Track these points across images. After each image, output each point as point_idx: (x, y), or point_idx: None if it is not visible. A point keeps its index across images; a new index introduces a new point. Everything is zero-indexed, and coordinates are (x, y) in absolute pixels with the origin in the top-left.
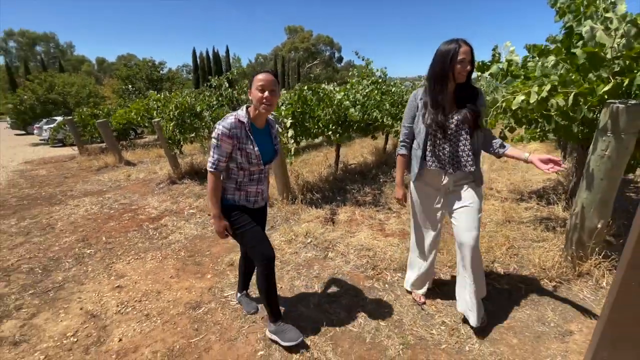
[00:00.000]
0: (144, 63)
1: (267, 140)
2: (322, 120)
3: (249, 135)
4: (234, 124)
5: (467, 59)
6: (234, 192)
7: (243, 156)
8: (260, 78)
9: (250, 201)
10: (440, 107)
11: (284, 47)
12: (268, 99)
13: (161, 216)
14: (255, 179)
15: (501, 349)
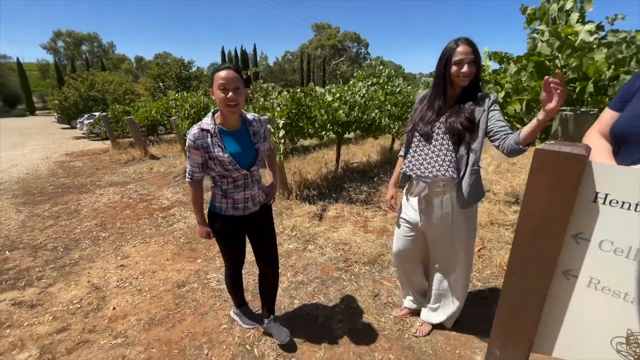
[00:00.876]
0: (174, 62)
1: (244, 142)
2: (319, 121)
3: (215, 142)
4: (197, 134)
5: (466, 59)
6: (220, 200)
7: (217, 164)
8: (221, 76)
9: (239, 208)
10: (434, 111)
11: (311, 44)
12: (232, 99)
13: (171, 206)
14: (240, 185)
15: (437, 338)
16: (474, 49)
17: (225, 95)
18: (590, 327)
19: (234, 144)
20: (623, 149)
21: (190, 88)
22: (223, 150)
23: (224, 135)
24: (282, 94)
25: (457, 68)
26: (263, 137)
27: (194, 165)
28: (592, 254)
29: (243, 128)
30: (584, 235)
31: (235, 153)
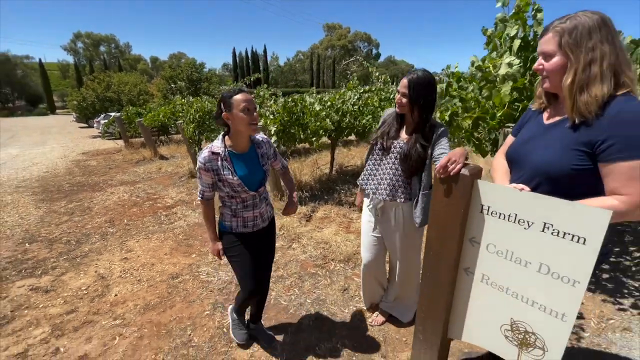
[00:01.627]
0: (185, 65)
1: (253, 164)
2: (311, 128)
3: (225, 165)
4: (207, 158)
5: (402, 92)
6: (230, 219)
7: (226, 186)
8: (242, 99)
9: (249, 226)
10: (390, 132)
11: (321, 44)
12: (255, 119)
13: (175, 205)
14: (249, 204)
15: (389, 327)
16: (410, 85)
17: (251, 115)
18: (485, 316)
19: (243, 166)
20: (512, 169)
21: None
22: (233, 174)
23: (234, 157)
24: (277, 101)
25: (397, 96)
26: (273, 157)
27: (205, 185)
28: (483, 255)
29: (252, 150)
30: (476, 239)
31: (244, 176)
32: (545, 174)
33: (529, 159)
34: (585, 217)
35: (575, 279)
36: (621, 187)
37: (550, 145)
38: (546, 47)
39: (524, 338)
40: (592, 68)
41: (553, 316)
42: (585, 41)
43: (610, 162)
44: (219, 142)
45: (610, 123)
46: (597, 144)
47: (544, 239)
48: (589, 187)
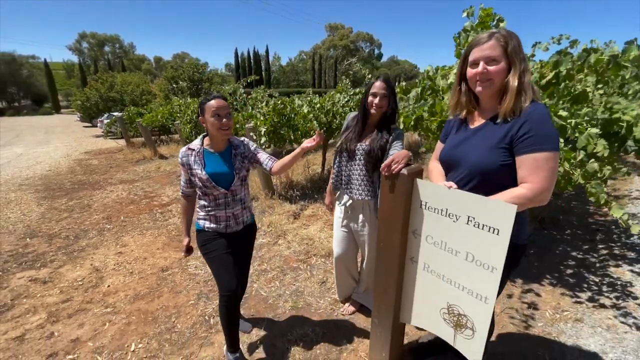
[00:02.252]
0: (187, 65)
1: (225, 163)
2: (301, 129)
3: (196, 160)
4: (184, 153)
5: (379, 93)
6: (204, 217)
7: (197, 181)
8: (214, 105)
9: (222, 226)
10: (355, 132)
11: (324, 44)
12: (226, 124)
13: (170, 203)
14: (221, 203)
15: (359, 316)
16: (389, 86)
17: (220, 121)
18: (428, 301)
19: (215, 164)
20: (448, 171)
21: (202, 90)
22: (201, 168)
23: (208, 155)
24: (269, 103)
25: (372, 99)
26: (251, 156)
27: (183, 181)
28: (423, 245)
29: (228, 150)
30: (417, 231)
31: (214, 173)
32: (480, 171)
33: (464, 160)
34: (496, 211)
35: (493, 265)
36: (528, 175)
37: (480, 146)
38: (492, 53)
39: (457, 320)
40: (527, 75)
41: (478, 299)
42: (518, 52)
43: (521, 154)
44: (198, 141)
45: (524, 121)
46: (514, 139)
47: (468, 231)
48: (513, 180)
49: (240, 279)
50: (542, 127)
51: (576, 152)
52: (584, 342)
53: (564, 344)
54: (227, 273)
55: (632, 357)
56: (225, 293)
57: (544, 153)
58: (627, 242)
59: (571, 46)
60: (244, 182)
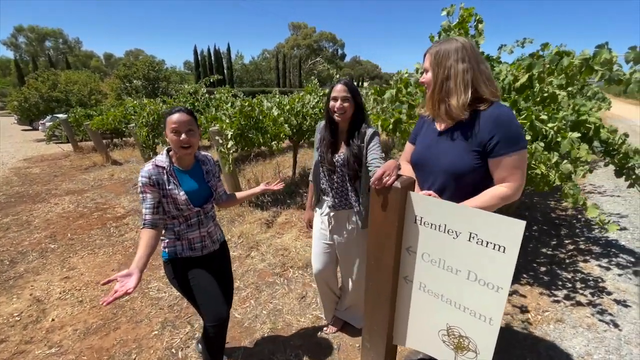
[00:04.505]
0: (141, 63)
1: (198, 180)
2: (270, 132)
3: (170, 180)
4: (152, 171)
5: (339, 97)
6: (174, 243)
7: (170, 203)
8: (173, 120)
9: (197, 248)
10: (327, 144)
11: (287, 43)
12: (186, 141)
13: (126, 215)
14: (194, 223)
15: (343, 334)
16: (350, 88)
17: (178, 137)
18: (424, 322)
19: (188, 182)
20: (417, 174)
21: (159, 89)
22: (178, 188)
23: (178, 173)
24: (235, 104)
25: (333, 104)
26: (217, 177)
27: (149, 207)
28: (419, 263)
29: (196, 166)
30: (412, 248)
31: (190, 191)
32: (453, 174)
33: (437, 163)
34: (502, 228)
35: (498, 285)
36: (508, 175)
37: (452, 149)
38: (424, 64)
39: (458, 342)
40: (449, 83)
41: (482, 320)
42: (444, 61)
43: (497, 156)
44: (164, 157)
45: (493, 125)
46: (486, 143)
47: (470, 248)
48: (483, 181)
49: (229, 303)
50: (512, 128)
51: (551, 154)
52: (568, 344)
53: (550, 348)
54: (213, 300)
55: (615, 357)
56: (213, 323)
57: (518, 152)
58: (590, 236)
59: (542, 49)
60: (213, 198)
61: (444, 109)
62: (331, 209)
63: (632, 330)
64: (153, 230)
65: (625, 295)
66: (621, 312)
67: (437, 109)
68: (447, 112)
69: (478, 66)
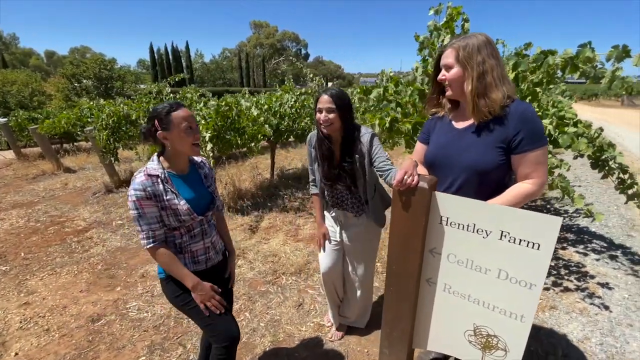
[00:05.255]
0: (91, 61)
1: (197, 186)
2: (248, 133)
3: (167, 188)
4: (146, 182)
5: (324, 108)
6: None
7: (170, 215)
8: (183, 116)
9: (200, 261)
10: (325, 160)
11: (249, 42)
12: (198, 138)
13: (88, 228)
14: (197, 233)
15: (350, 340)
16: (335, 99)
17: (194, 135)
18: (449, 324)
19: (186, 188)
20: (436, 172)
21: (113, 90)
22: (178, 197)
23: (175, 179)
24: (209, 104)
25: (319, 115)
26: (210, 178)
27: (152, 222)
28: (444, 265)
29: (193, 170)
30: (436, 250)
31: (190, 199)
32: (476, 171)
33: (458, 161)
34: (537, 225)
35: (531, 282)
36: (532, 171)
37: (475, 145)
38: (447, 61)
39: (486, 341)
40: (486, 78)
41: (513, 318)
42: (476, 56)
43: (522, 153)
44: (155, 164)
45: (518, 121)
46: (511, 139)
47: (501, 247)
48: (504, 178)
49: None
50: (536, 124)
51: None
52: (566, 330)
53: (550, 335)
54: (223, 319)
55: (611, 339)
56: (225, 344)
57: (541, 149)
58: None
59: (525, 48)
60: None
61: (484, 104)
62: (343, 216)
63: (620, 312)
64: (162, 247)
65: (606, 278)
66: (607, 294)
67: (475, 105)
68: (487, 107)
69: (502, 62)
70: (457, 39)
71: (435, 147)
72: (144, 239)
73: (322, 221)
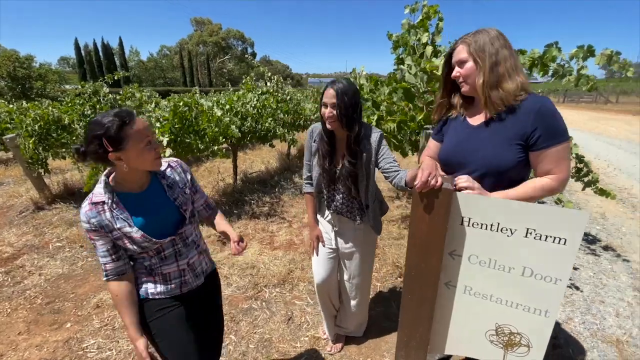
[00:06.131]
0: (4, 58)
1: (158, 202)
2: (208, 135)
3: (116, 215)
4: (89, 213)
5: (329, 103)
6: (146, 280)
7: (128, 243)
8: (141, 129)
9: (174, 286)
10: (326, 156)
11: (191, 40)
12: (159, 152)
13: (18, 255)
14: (169, 255)
15: (350, 350)
16: (338, 93)
17: (155, 149)
18: (469, 326)
19: (143, 210)
20: (452, 170)
21: (32, 91)
22: (130, 225)
23: (126, 200)
24: (161, 104)
25: (324, 110)
26: (190, 187)
27: (105, 254)
28: (464, 267)
29: (154, 183)
30: (456, 252)
31: (147, 222)
32: (494, 168)
33: (473, 158)
34: (564, 220)
35: (557, 277)
36: (553, 167)
37: (492, 142)
38: (460, 56)
39: (509, 339)
40: (499, 68)
41: (537, 314)
42: (488, 47)
43: (542, 149)
44: (100, 187)
45: (536, 117)
46: (529, 136)
47: (527, 244)
48: (522, 175)
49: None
50: (556, 120)
51: None
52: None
53: None
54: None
55: (590, 317)
56: None
57: (562, 144)
58: None
59: None
60: (194, 217)
61: (497, 96)
62: (334, 211)
63: (591, 290)
64: (122, 280)
65: None
66: (575, 275)
67: (487, 97)
68: (501, 98)
69: (515, 54)
70: (468, 34)
71: (450, 144)
72: (103, 271)
73: (315, 223)
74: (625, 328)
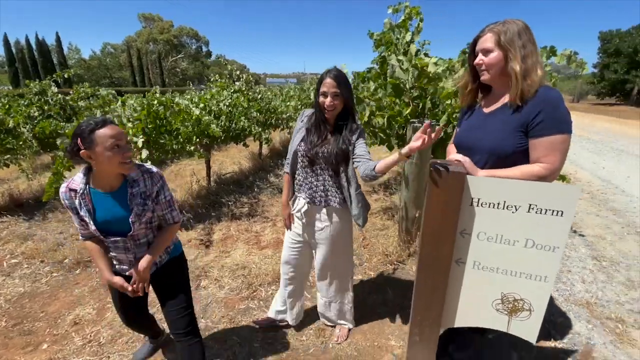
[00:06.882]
0: None
1: (119, 206)
2: (183, 134)
3: (82, 204)
4: (65, 195)
5: (329, 92)
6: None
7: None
8: (109, 134)
9: (123, 270)
10: (312, 137)
11: (139, 37)
12: (129, 156)
13: None
14: (120, 246)
15: (356, 338)
16: (338, 82)
17: (122, 154)
18: (477, 298)
19: (107, 208)
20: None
21: None
22: (89, 217)
23: (97, 197)
24: (128, 103)
25: (323, 99)
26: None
27: (79, 223)
28: (473, 244)
29: (122, 188)
30: (466, 231)
31: (104, 220)
32: (495, 154)
33: (480, 144)
34: (560, 194)
35: (555, 245)
36: (543, 156)
37: (496, 129)
38: (486, 45)
39: (513, 306)
40: (528, 60)
41: (537, 280)
42: (517, 39)
43: (537, 137)
44: (80, 177)
45: (539, 106)
46: (529, 123)
47: (529, 218)
48: (524, 163)
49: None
50: (557, 110)
51: None
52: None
53: None
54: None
55: (562, 285)
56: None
57: (560, 135)
58: None
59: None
60: (151, 224)
61: (526, 85)
62: (305, 203)
63: None
64: (91, 240)
65: None
66: None
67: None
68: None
69: (537, 48)
70: (495, 23)
71: (462, 130)
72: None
73: (287, 202)
74: (592, 292)
